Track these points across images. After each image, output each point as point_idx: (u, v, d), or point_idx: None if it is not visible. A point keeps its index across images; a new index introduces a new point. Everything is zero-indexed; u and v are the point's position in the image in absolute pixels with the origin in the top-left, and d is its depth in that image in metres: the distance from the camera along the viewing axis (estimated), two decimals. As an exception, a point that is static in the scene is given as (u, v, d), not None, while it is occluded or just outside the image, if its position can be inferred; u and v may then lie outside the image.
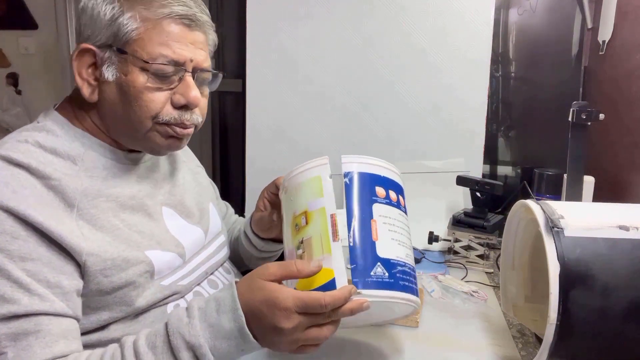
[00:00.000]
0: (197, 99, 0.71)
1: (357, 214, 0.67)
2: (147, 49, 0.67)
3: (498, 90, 1.51)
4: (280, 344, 0.60)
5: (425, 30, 1.39)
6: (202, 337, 0.58)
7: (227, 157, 1.82)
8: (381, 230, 0.67)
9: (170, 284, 0.74)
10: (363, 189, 0.70)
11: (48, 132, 0.69)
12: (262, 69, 1.51)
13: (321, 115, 1.49)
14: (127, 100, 0.68)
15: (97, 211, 0.67)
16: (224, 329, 0.59)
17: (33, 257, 0.60)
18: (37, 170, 0.63)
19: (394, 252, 0.67)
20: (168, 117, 0.70)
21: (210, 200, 0.92)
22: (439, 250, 1.24)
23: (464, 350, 0.81)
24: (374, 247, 0.66)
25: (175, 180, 0.85)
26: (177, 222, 0.80)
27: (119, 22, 0.67)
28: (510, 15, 1.49)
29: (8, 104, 2.68)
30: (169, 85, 0.69)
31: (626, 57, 1.21)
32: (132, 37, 0.67)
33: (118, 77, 0.68)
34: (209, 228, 0.88)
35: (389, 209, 0.70)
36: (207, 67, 0.74)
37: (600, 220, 0.68)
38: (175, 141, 0.73)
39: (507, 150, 1.56)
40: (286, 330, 0.58)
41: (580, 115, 1.03)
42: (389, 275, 0.65)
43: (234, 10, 1.70)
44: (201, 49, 0.72)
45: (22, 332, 0.58)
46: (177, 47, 0.68)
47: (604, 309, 0.63)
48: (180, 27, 0.69)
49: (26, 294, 0.59)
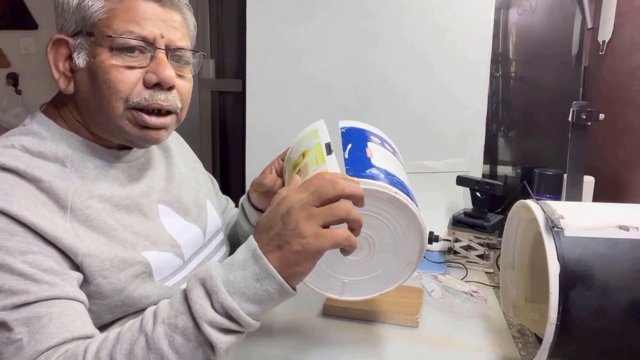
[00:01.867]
0: (170, 77, 0.67)
1: (352, 143, 0.72)
2: (114, 26, 0.64)
3: (498, 90, 1.51)
4: (291, 232, 0.52)
5: (425, 30, 1.39)
6: (213, 269, 0.54)
7: (227, 157, 1.82)
8: (376, 152, 0.71)
9: (172, 286, 0.73)
10: (359, 133, 0.76)
11: (34, 135, 0.67)
12: (262, 69, 1.51)
13: (321, 115, 1.49)
14: (97, 84, 0.65)
15: (91, 212, 0.65)
16: (237, 261, 0.55)
17: (33, 250, 0.58)
18: (26, 173, 0.61)
19: (390, 168, 0.69)
20: (138, 99, 0.66)
21: (207, 197, 0.91)
22: (439, 250, 1.24)
23: (464, 350, 0.81)
24: (369, 160, 0.69)
25: (171, 177, 0.83)
26: (174, 219, 0.79)
27: (84, 3, 0.65)
28: (510, 15, 1.49)
29: (8, 104, 2.68)
30: (139, 63, 0.66)
31: (626, 57, 1.21)
32: (98, 17, 0.65)
33: (88, 61, 0.66)
34: (207, 226, 0.86)
35: (383, 150, 0.74)
36: (184, 45, 0.70)
37: (600, 220, 0.68)
38: (150, 132, 0.69)
39: (507, 150, 1.56)
40: (291, 210, 0.53)
41: (580, 115, 1.04)
42: (384, 175, 0.66)
43: (234, 10, 1.70)
44: (175, 27, 0.69)
45: (35, 315, 0.56)
46: (146, 24, 0.65)
47: (604, 309, 0.63)
48: (150, 4, 0.66)
49: (33, 284, 0.57)
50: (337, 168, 0.64)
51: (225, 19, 1.73)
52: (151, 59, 0.67)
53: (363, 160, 0.69)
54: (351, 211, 0.53)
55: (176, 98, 0.70)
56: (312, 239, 0.52)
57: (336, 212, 0.53)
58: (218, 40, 1.74)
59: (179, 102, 0.71)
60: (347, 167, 0.67)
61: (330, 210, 0.53)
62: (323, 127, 0.76)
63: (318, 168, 0.65)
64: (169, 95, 0.68)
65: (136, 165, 0.76)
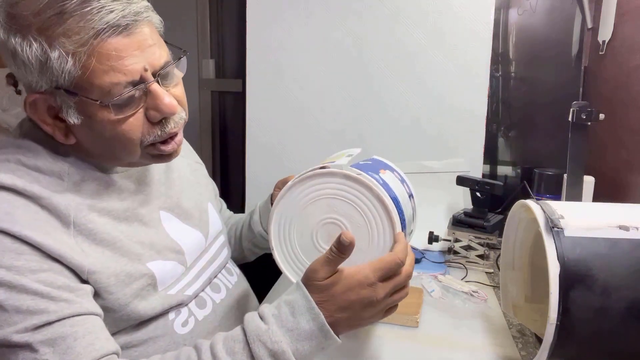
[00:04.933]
0: (171, 106, 0.63)
1: (372, 163, 0.79)
2: (96, 84, 0.58)
3: (498, 91, 1.51)
4: (372, 317, 0.63)
5: (425, 30, 1.39)
6: (284, 342, 0.58)
7: (227, 157, 1.82)
8: (389, 177, 0.76)
9: (176, 293, 0.73)
10: (383, 163, 0.82)
11: (28, 149, 0.64)
12: (262, 69, 1.51)
13: (322, 115, 1.49)
14: (106, 139, 0.63)
15: (94, 225, 0.63)
16: (304, 331, 0.59)
17: (44, 268, 0.57)
18: (25, 190, 0.59)
19: (395, 190, 0.74)
20: (152, 137, 0.64)
21: (209, 199, 0.91)
22: (439, 250, 1.24)
23: (464, 350, 0.81)
24: (379, 174, 0.74)
25: (170, 181, 0.82)
26: (176, 225, 0.78)
27: (48, 65, 0.57)
28: (510, 15, 1.48)
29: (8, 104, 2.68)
30: (137, 105, 0.62)
31: (626, 57, 1.21)
32: (73, 75, 0.57)
33: (84, 120, 0.61)
34: (209, 230, 0.86)
35: (399, 183, 0.78)
36: (166, 62, 0.64)
37: (600, 220, 0.68)
38: (167, 158, 0.70)
39: (507, 150, 1.56)
40: (376, 302, 0.61)
41: (580, 115, 1.03)
42: (382, 183, 0.71)
43: (234, 10, 1.70)
44: (150, 45, 0.61)
45: (59, 336, 0.55)
46: (124, 65, 0.58)
47: (604, 309, 0.63)
48: (116, 40, 0.58)
49: (51, 302, 0.56)
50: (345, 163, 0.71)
51: (225, 19, 1.73)
52: (145, 94, 0.62)
53: (372, 169, 0.74)
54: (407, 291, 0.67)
55: (180, 112, 0.67)
56: (376, 320, 0.65)
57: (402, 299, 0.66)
58: (218, 40, 1.74)
59: (183, 112, 0.68)
60: (353, 166, 0.72)
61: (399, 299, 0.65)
62: (358, 150, 0.83)
63: (331, 160, 0.73)
64: (175, 118, 0.66)
65: (135, 173, 0.74)
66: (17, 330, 0.54)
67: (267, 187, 1.59)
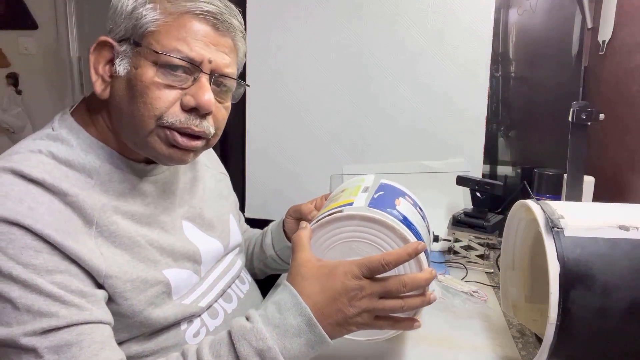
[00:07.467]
0: (209, 103, 0.64)
1: (385, 192, 0.76)
2: (163, 41, 0.62)
3: (498, 90, 1.51)
4: (360, 317, 0.60)
5: (425, 30, 1.40)
6: (269, 339, 0.57)
7: (227, 158, 1.82)
8: (404, 205, 0.73)
9: (190, 304, 0.73)
10: (395, 189, 0.79)
11: (63, 141, 0.64)
12: (262, 69, 1.51)
13: (322, 115, 1.50)
14: (133, 96, 0.63)
15: (116, 228, 0.63)
16: (291, 326, 0.58)
17: (61, 269, 0.57)
18: (53, 185, 0.59)
19: (412, 219, 0.72)
20: (173, 119, 0.64)
21: (230, 211, 0.90)
22: (439, 250, 1.24)
23: (464, 350, 0.81)
24: (394, 205, 0.72)
25: (195, 191, 0.81)
26: (197, 235, 0.78)
27: (138, 12, 0.63)
28: (510, 15, 1.49)
29: (8, 104, 2.68)
30: (180, 84, 0.64)
31: (626, 57, 1.21)
32: (149, 29, 0.62)
33: (129, 70, 0.63)
34: (230, 241, 0.86)
35: (413, 209, 0.76)
36: (230, 73, 0.67)
37: (600, 220, 0.68)
38: (177, 152, 0.66)
39: (507, 150, 1.56)
40: (362, 296, 0.59)
41: (580, 115, 1.04)
42: (402, 219, 0.69)
43: (234, 10, 1.70)
44: (225, 53, 0.66)
45: (65, 343, 0.55)
46: (195, 45, 0.63)
47: (604, 309, 0.63)
48: (203, 26, 0.64)
49: (62, 306, 0.56)
50: (364, 203, 0.69)
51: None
52: (193, 81, 0.64)
53: (387, 203, 0.71)
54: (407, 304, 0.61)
55: (210, 124, 0.67)
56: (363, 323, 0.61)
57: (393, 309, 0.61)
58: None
59: (213, 128, 0.68)
60: (370, 204, 0.69)
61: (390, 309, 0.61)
62: (371, 177, 0.82)
63: (347, 199, 0.72)
64: (203, 122, 0.66)
65: (162, 179, 0.74)
66: (25, 333, 0.54)
67: (266, 187, 1.60)
